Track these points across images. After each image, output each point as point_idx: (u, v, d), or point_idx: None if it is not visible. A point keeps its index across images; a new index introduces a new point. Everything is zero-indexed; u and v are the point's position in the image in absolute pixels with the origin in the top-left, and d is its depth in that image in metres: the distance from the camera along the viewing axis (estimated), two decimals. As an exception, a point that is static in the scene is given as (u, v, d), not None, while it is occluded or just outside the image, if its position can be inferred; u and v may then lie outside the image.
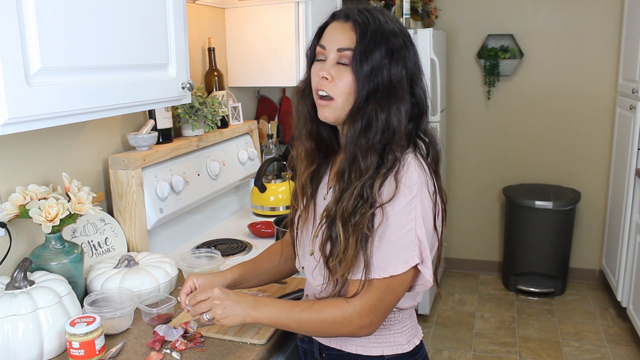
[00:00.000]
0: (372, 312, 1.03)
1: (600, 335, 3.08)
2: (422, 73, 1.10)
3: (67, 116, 1.09)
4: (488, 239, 3.95)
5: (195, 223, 2.01)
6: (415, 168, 1.03)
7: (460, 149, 3.89)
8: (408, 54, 1.06)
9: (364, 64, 1.02)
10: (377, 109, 1.03)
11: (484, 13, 3.67)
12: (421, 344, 1.18)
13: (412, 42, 1.08)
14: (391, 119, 1.03)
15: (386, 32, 1.04)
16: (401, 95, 1.04)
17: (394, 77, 1.03)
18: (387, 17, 1.06)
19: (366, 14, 1.05)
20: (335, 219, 1.04)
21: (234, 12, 2.27)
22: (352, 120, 1.05)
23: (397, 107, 1.03)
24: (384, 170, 1.02)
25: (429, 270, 1.03)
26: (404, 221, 1.00)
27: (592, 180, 3.64)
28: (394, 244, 1.01)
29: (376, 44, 1.02)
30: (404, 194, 1.01)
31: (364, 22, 1.03)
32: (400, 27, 1.07)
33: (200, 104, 1.91)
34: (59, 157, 1.48)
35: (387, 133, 1.03)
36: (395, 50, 1.03)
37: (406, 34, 1.08)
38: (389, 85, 1.03)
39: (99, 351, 1.13)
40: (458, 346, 3.02)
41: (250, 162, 2.23)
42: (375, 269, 1.01)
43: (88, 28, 1.10)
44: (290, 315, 1.08)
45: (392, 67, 1.03)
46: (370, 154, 1.03)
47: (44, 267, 1.27)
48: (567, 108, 3.62)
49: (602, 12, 3.44)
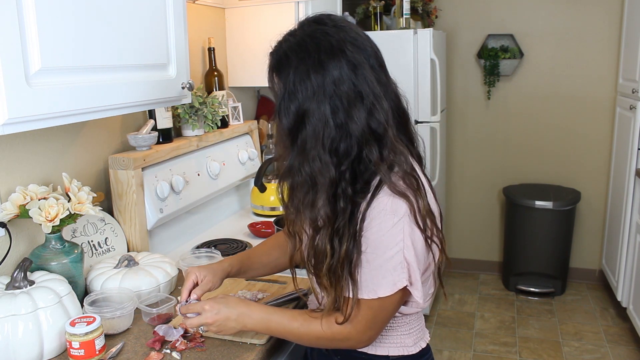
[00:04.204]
0: (369, 329, 1.04)
1: (600, 335, 3.08)
2: (368, 82, 0.97)
3: (67, 116, 1.09)
4: (488, 239, 3.95)
5: (195, 223, 2.01)
6: (388, 194, 0.98)
7: (460, 149, 3.89)
8: (330, 77, 0.95)
9: (281, 117, 1.00)
10: (300, 162, 0.98)
11: (484, 13, 3.67)
12: (427, 347, 1.17)
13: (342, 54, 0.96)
14: (314, 168, 0.97)
15: (291, 61, 0.97)
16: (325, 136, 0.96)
17: (310, 118, 0.96)
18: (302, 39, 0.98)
19: (280, 53, 1.00)
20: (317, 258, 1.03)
21: (234, 12, 2.27)
22: (284, 178, 1.04)
23: (317, 153, 0.96)
24: (359, 200, 0.99)
25: (419, 292, 1.01)
26: (390, 244, 0.97)
27: (592, 180, 3.64)
28: (382, 267, 0.99)
29: (284, 85, 0.98)
30: (385, 219, 0.97)
31: (276, 68, 1.01)
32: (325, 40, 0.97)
33: (200, 104, 1.91)
34: (59, 157, 1.48)
35: (317, 183, 0.97)
36: (299, 85, 0.96)
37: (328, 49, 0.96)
38: (301, 129, 0.97)
39: (99, 351, 1.13)
40: (458, 346, 3.02)
41: (250, 162, 2.23)
42: (365, 289, 1.00)
43: (88, 29, 1.10)
44: (289, 329, 1.08)
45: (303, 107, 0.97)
46: (314, 208, 0.99)
47: (44, 267, 1.27)
48: (567, 108, 3.62)
49: (602, 12, 3.44)
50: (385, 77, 1.03)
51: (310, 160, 0.97)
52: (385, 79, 1.02)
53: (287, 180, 1.02)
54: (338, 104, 0.95)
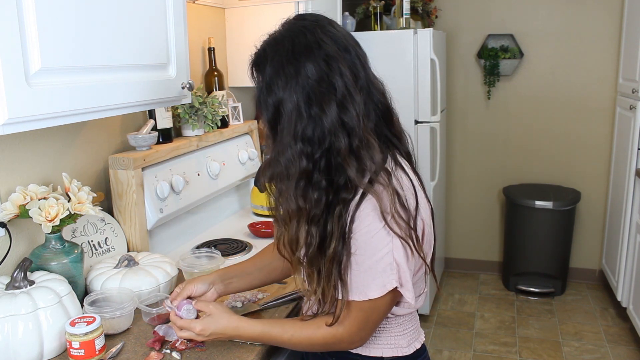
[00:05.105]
0: (361, 330, 1.04)
1: (600, 335, 3.08)
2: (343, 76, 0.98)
3: (67, 116, 1.09)
4: (488, 239, 3.95)
5: (195, 223, 2.01)
6: (382, 194, 0.97)
7: (460, 149, 3.89)
8: (305, 71, 0.97)
9: (262, 110, 1.03)
10: (277, 153, 1.00)
11: (484, 13, 3.67)
12: (422, 347, 1.17)
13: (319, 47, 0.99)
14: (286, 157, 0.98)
15: (270, 56, 1.01)
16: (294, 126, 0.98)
17: (284, 108, 0.99)
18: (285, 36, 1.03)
19: (259, 49, 1.05)
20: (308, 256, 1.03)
21: (234, 12, 2.27)
22: (266, 169, 1.05)
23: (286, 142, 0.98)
24: (346, 196, 0.99)
25: (410, 293, 1.01)
26: (379, 245, 0.97)
27: (592, 180, 3.64)
28: (371, 269, 0.99)
29: (261, 76, 1.02)
30: (374, 220, 0.97)
31: (255, 63, 1.05)
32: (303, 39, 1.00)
33: (201, 104, 1.91)
34: (59, 157, 1.48)
35: (289, 172, 0.99)
36: (277, 76, 0.99)
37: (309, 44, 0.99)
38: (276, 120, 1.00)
39: (99, 351, 1.13)
40: (458, 346, 3.02)
41: (250, 162, 2.23)
42: (355, 291, 1.00)
43: (88, 28, 1.10)
44: (281, 342, 1.10)
45: (274, 96, 0.99)
46: (287, 199, 1.00)
47: (44, 267, 1.27)
48: (567, 108, 3.62)
49: (602, 12, 3.44)
50: (364, 73, 1.03)
51: (284, 150, 0.99)
52: (364, 73, 1.03)
53: (268, 172, 1.03)
54: (311, 95, 0.97)
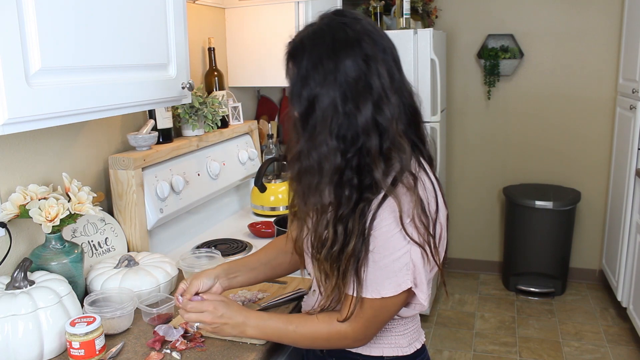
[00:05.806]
0: (366, 328, 1.04)
1: (600, 335, 3.08)
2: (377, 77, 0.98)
3: (67, 116, 1.09)
4: (488, 239, 3.95)
5: (195, 223, 2.01)
6: (403, 197, 0.97)
7: (460, 149, 3.89)
8: (343, 67, 0.96)
9: (294, 102, 1.03)
10: (308, 147, 0.99)
11: (484, 13, 3.67)
12: (423, 347, 1.17)
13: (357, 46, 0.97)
14: (319, 154, 0.98)
15: (306, 50, 0.99)
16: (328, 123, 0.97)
17: (320, 103, 0.98)
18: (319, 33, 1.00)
19: (296, 40, 1.02)
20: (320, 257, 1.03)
21: (234, 12, 2.27)
22: (294, 162, 1.04)
23: (322, 138, 0.97)
24: (370, 196, 0.98)
25: (424, 295, 1.01)
26: (398, 245, 0.98)
27: (592, 180, 3.64)
28: (387, 267, 0.99)
29: (298, 69, 1.00)
30: (393, 221, 0.97)
31: (291, 54, 1.03)
32: (339, 35, 0.98)
33: (201, 104, 1.91)
34: (59, 157, 1.48)
35: (323, 168, 0.98)
36: (313, 70, 0.98)
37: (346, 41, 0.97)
38: (309, 114, 0.99)
39: (99, 351, 1.13)
40: (458, 346, 3.02)
41: (251, 162, 2.23)
42: (368, 288, 1.00)
43: (88, 28, 1.10)
44: (285, 334, 1.09)
45: (313, 91, 0.98)
46: (316, 193, 1.00)
47: (44, 267, 1.27)
48: (567, 108, 3.62)
49: (602, 12, 3.44)
50: (399, 74, 1.03)
51: (317, 145, 0.98)
52: (399, 76, 1.02)
53: (297, 165, 1.02)
54: (347, 93, 0.96)
